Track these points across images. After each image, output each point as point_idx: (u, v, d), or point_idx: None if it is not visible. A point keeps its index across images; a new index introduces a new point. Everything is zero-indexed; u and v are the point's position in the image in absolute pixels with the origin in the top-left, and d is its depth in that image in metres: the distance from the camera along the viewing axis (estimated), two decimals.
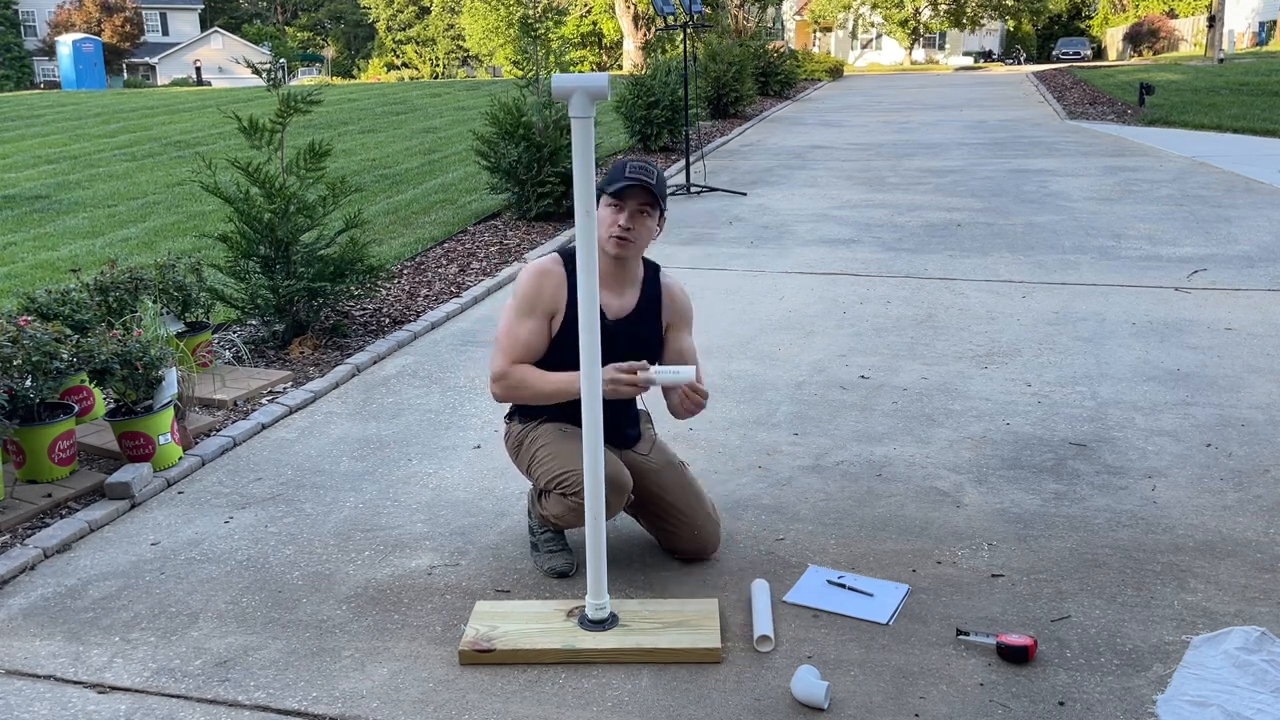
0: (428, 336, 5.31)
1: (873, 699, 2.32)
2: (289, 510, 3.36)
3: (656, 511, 2.90)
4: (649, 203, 2.72)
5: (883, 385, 4.38)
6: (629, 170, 2.70)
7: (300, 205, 4.93)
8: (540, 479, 2.83)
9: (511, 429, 2.98)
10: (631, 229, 2.71)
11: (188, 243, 7.46)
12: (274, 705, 2.35)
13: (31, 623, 2.73)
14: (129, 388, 3.60)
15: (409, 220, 8.33)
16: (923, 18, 47.28)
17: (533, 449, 2.86)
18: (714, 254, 6.93)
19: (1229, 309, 5.36)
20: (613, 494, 2.69)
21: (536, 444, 2.86)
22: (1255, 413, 3.97)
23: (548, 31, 8.12)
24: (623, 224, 2.70)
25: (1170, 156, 10.85)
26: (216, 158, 5.40)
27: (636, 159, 2.77)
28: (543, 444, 2.84)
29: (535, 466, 2.85)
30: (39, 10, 49.04)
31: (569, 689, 2.38)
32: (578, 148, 2.32)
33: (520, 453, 2.93)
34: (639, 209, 2.71)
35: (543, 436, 2.86)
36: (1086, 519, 3.15)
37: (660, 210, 2.77)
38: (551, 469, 2.78)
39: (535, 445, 2.86)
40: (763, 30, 22.85)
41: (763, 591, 2.70)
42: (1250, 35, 42.43)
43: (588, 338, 2.42)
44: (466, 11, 44.51)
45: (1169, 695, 2.29)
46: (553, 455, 2.80)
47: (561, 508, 2.79)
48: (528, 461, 2.89)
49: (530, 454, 2.87)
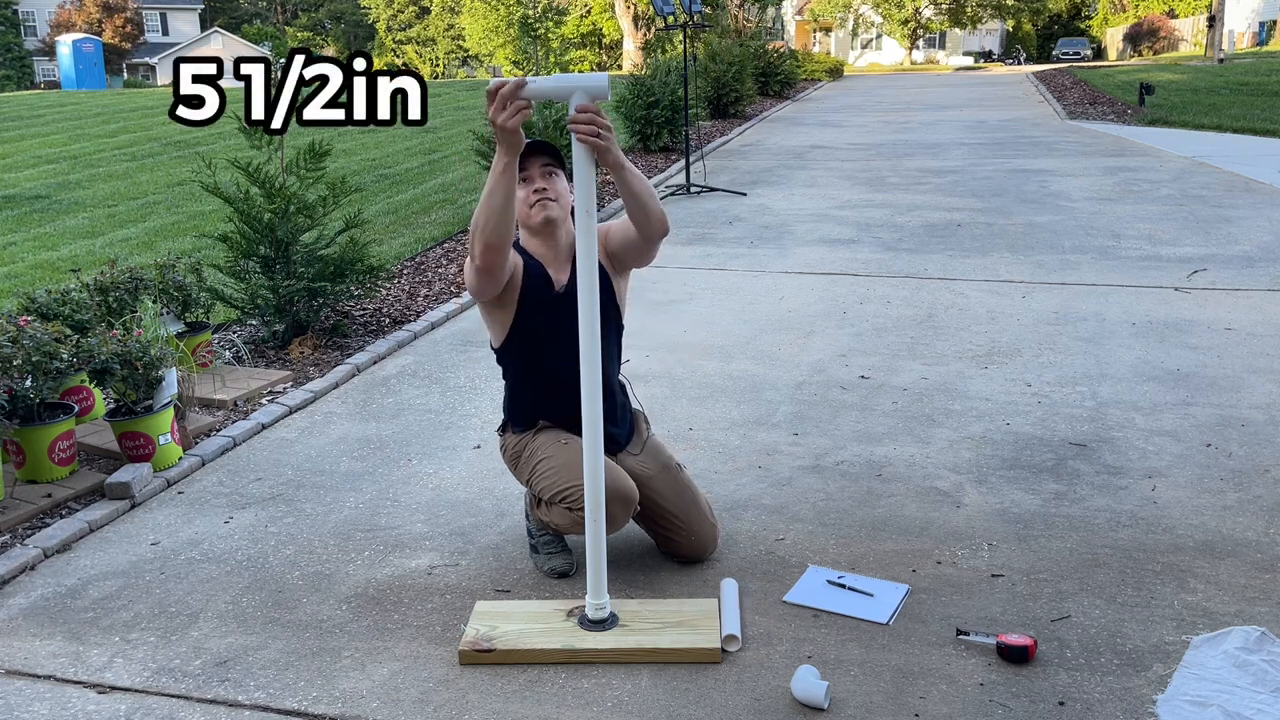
0: (428, 336, 5.31)
1: (873, 699, 2.32)
2: (289, 510, 3.36)
3: (653, 517, 2.89)
4: (550, 161, 2.74)
5: (883, 385, 4.38)
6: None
7: (300, 205, 4.93)
8: (544, 492, 2.80)
9: (507, 441, 2.95)
10: (546, 187, 2.72)
11: (188, 243, 7.46)
12: (274, 705, 2.35)
13: (31, 623, 2.73)
14: (129, 388, 3.60)
15: (409, 220, 8.34)
16: (923, 17, 47.29)
17: (533, 462, 2.83)
18: (714, 254, 6.94)
19: (1229, 309, 5.36)
20: (620, 508, 2.68)
21: (536, 456, 2.83)
22: (1255, 413, 3.97)
23: (548, 31, 8.12)
24: (536, 186, 2.71)
25: (1170, 156, 10.85)
26: (216, 158, 5.39)
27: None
28: (543, 457, 2.81)
29: (537, 480, 2.81)
30: (39, 10, 49.04)
31: (569, 689, 2.38)
32: (578, 148, 2.32)
33: (520, 465, 2.90)
34: (543, 170, 2.72)
35: (542, 448, 2.83)
36: (1086, 519, 3.15)
37: (564, 166, 2.77)
38: (555, 484, 2.75)
39: (535, 458, 2.83)
40: (763, 30, 22.86)
41: (730, 590, 2.72)
42: (1250, 35, 42.44)
43: (588, 341, 2.42)
44: (466, 11, 44.48)
45: (1169, 695, 2.29)
46: (555, 470, 2.77)
47: (567, 520, 2.77)
48: (528, 474, 2.86)
49: (530, 467, 2.84)
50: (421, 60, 57.13)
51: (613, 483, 2.66)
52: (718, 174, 10.30)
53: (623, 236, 2.78)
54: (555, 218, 2.74)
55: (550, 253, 2.80)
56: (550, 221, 2.74)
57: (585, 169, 2.34)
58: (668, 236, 2.72)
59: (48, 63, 44.09)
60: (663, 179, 10.12)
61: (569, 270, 2.80)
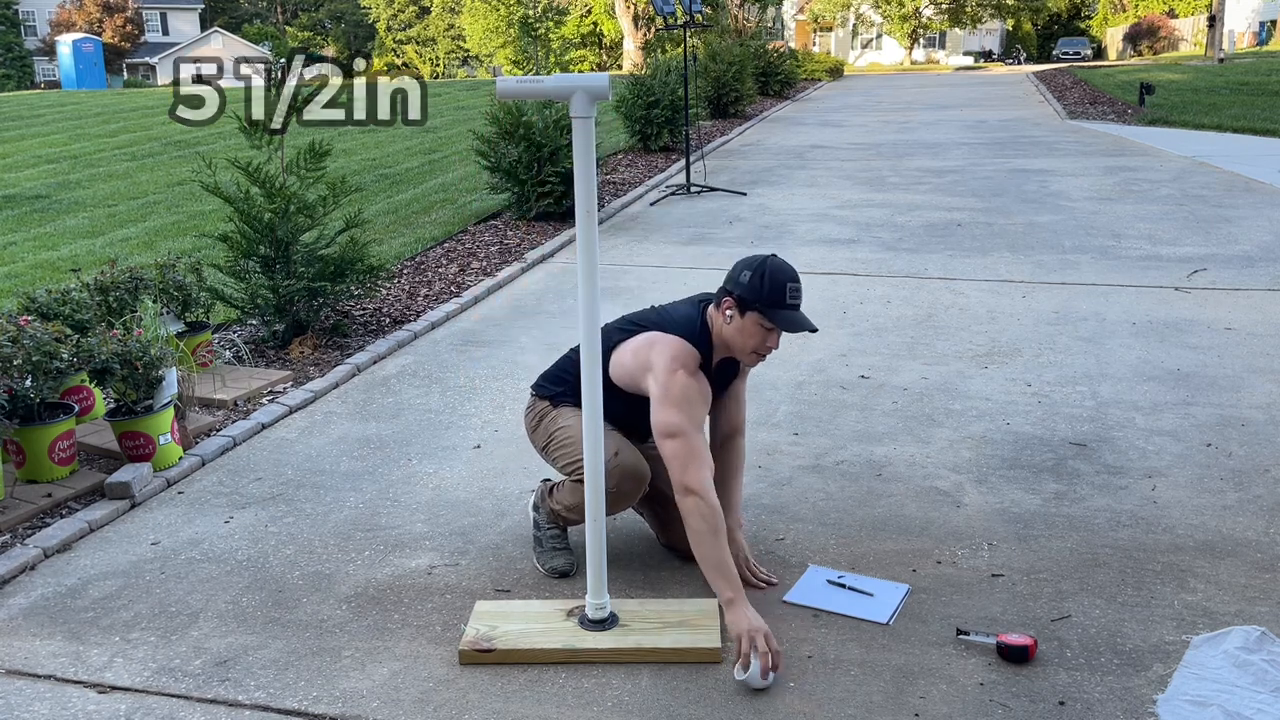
0: (428, 336, 5.31)
1: (873, 699, 2.32)
2: (289, 510, 3.36)
3: (661, 505, 2.90)
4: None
5: (883, 385, 4.38)
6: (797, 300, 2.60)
7: (300, 205, 4.92)
8: (558, 461, 2.81)
9: (535, 404, 2.94)
10: (774, 349, 2.66)
11: (188, 243, 7.45)
12: (274, 705, 2.35)
13: (32, 622, 2.73)
14: (129, 388, 3.60)
15: (409, 220, 8.33)
16: (923, 17, 47.30)
17: (552, 428, 2.83)
18: (714, 254, 6.93)
19: (1229, 309, 5.36)
20: (631, 483, 2.70)
21: (557, 424, 2.82)
22: (1255, 413, 3.97)
23: (548, 32, 8.12)
24: (772, 346, 2.64)
25: (1170, 156, 10.85)
26: (216, 158, 5.39)
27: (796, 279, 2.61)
28: (562, 425, 2.80)
29: (554, 447, 2.82)
30: (39, 10, 49.03)
31: (569, 689, 2.38)
32: (578, 147, 2.32)
33: (539, 429, 2.90)
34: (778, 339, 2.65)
35: (563, 417, 2.82)
36: (1086, 519, 3.15)
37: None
38: (571, 454, 2.75)
39: (555, 425, 2.82)
40: (763, 30, 22.86)
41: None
42: (1250, 35, 42.45)
43: (589, 345, 2.42)
44: (466, 11, 44.46)
45: (1169, 695, 2.29)
46: (574, 440, 2.74)
47: (577, 497, 2.75)
48: (545, 440, 2.86)
49: (549, 434, 2.84)
50: (421, 60, 57.12)
51: (630, 459, 2.69)
52: (718, 174, 10.30)
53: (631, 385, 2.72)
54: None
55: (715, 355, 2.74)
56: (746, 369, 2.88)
57: (588, 170, 2.33)
58: (667, 237, 2.71)
59: (48, 62, 44.07)
60: (663, 179, 10.12)
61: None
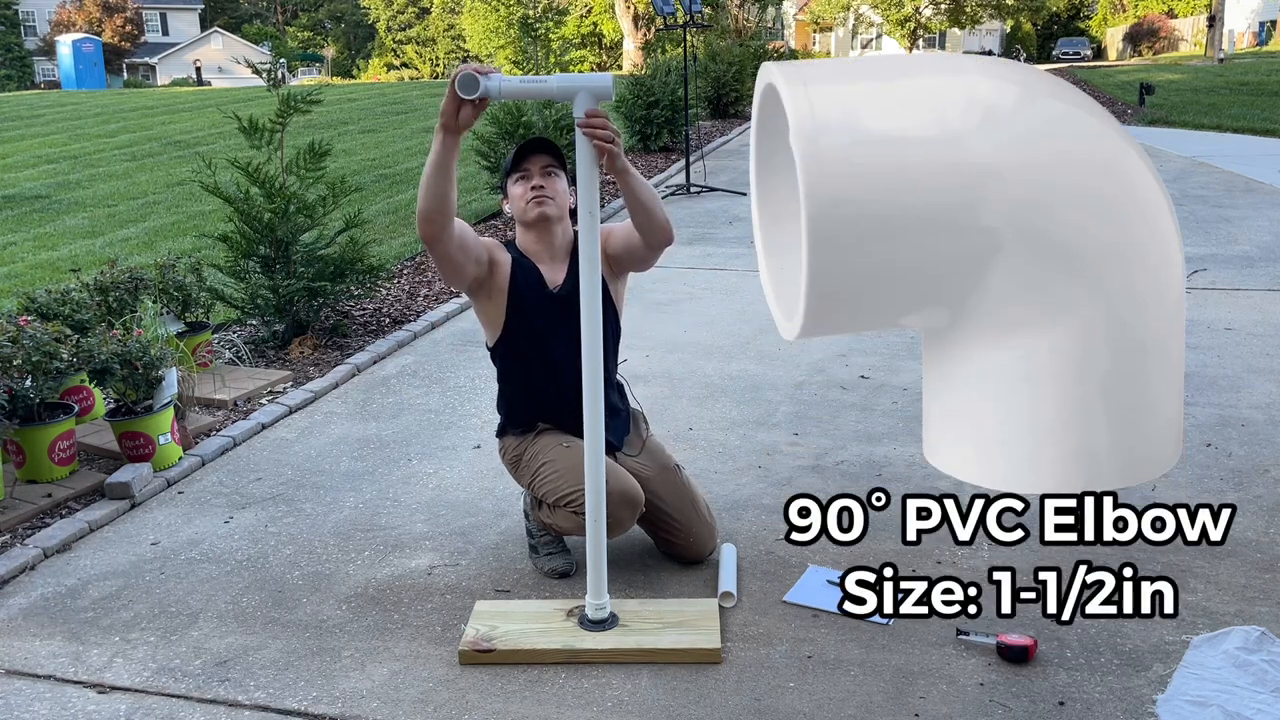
0: (428, 336, 5.31)
1: (873, 699, 2.32)
2: (289, 510, 3.36)
3: (651, 518, 2.88)
4: (551, 162, 2.74)
5: (883, 385, 4.38)
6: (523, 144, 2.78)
7: (300, 205, 4.93)
8: (548, 496, 2.78)
9: (507, 444, 2.93)
10: (544, 185, 2.72)
11: (188, 243, 7.46)
12: (274, 705, 2.35)
13: (31, 623, 2.73)
14: (129, 388, 3.60)
15: (409, 220, 8.33)
16: (922, 17, 47.29)
17: (535, 465, 2.82)
18: (714, 254, 6.93)
19: (1229, 309, 5.36)
20: (626, 511, 2.69)
21: (539, 460, 2.82)
22: (1255, 413, 3.97)
23: (548, 32, 8.11)
24: (535, 184, 2.72)
25: (1170, 156, 10.85)
26: (216, 158, 5.40)
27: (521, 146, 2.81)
28: (545, 460, 2.80)
29: (540, 484, 2.80)
30: (39, 10, 49.02)
31: (569, 689, 2.38)
32: (581, 148, 2.32)
33: (520, 468, 2.89)
34: (544, 169, 2.74)
35: (544, 452, 2.81)
36: None
37: (564, 167, 2.77)
38: (559, 488, 2.74)
39: (537, 461, 2.82)
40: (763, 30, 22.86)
41: (729, 553, 2.90)
42: (1250, 35, 42.44)
43: (589, 342, 2.42)
44: (466, 12, 44.45)
45: (1169, 695, 2.29)
46: (559, 473, 2.75)
47: (572, 524, 2.76)
48: (530, 478, 2.85)
49: (533, 471, 2.83)
50: (421, 60, 57.11)
51: (619, 485, 2.67)
52: (718, 174, 10.30)
53: (625, 241, 2.78)
54: (550, 215, 2.75)
55: (545, 251, 2.81)
56: (545, 218, 2.75)
57: (589, 170, 2.34)
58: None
59: (48, 63, 44.06)
60: (663, 179, 10.12)
61: (564, 270, 2.81)
